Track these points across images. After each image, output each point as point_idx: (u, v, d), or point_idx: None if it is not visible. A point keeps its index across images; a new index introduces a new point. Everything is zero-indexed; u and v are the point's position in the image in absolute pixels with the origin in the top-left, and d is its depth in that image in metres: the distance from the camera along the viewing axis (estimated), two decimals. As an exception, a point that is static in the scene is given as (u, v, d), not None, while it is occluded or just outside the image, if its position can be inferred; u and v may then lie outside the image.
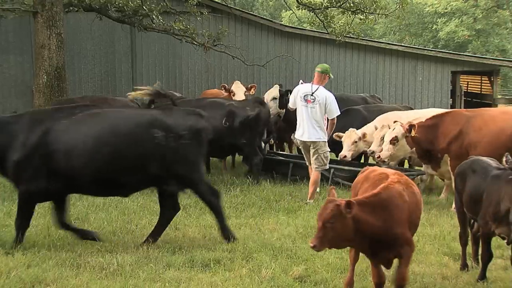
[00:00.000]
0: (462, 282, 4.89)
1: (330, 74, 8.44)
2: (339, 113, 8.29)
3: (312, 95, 8.12)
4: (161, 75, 16.79)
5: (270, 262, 5.27)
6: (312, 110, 8.10)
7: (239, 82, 10.74)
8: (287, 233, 6.33)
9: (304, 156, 8.68)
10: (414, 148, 7.97)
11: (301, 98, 8.22)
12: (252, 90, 10.88)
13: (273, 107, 10.35)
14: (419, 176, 9.14)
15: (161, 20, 13.00)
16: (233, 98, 10.40)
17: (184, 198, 7.99)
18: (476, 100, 19.59)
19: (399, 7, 15.84)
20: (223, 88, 10.66)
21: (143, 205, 7.50)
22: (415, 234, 4.66)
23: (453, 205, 7.23)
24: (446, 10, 37.67)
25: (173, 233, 6.33)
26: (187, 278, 4.90)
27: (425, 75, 17.17)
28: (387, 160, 8.21)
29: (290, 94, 9.17)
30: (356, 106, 10.99)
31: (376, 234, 4.02)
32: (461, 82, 19.33)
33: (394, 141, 7.98)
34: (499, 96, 19.67)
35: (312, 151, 8.27)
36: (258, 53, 16.67)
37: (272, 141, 11.07)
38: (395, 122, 8.34)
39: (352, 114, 10.12)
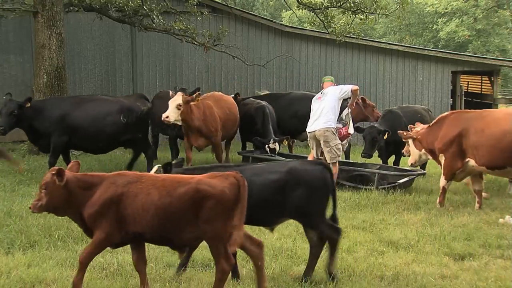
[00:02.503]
0: (462, 282, 4.88)
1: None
2: (351, 86, 8.94)
3: (321, 93, 9.00)
4: (161, 75, 16.80)
5: (271, 262, 5.27)
6: (322, 103, 8.79)
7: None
8: (287, 233, 6.33)
9: (311, 148, 9.04)
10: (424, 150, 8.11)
11: (314, 101, 9.04)
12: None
13: None
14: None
15: (162, 20, 13.00)
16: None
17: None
18: (477, 100, 19.58)
19: (399, 7, 15.84)
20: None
21: (143, 205, 7.48)
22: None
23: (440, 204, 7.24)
24: (446, 10, 37.67)
25: (173, 233, 6.32)
26: (187, 278, 4.90)
27: (425, 75, 17.17)
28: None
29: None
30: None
31: (80, 211, 4.20)
32: (461, 82, 19.31)
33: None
34: (499, 96, 19.66)
35: (322, 143, 8.62)
36: (259, 53, 16.68)
37: (286, 142, 11.12)
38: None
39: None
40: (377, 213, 7.33)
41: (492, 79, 17.98)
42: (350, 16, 14.74)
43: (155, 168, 4.90)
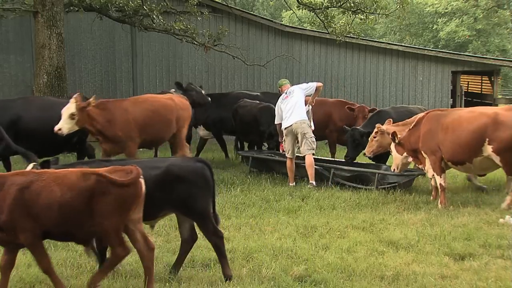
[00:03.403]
0: (462, 282, 4.88)
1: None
2: (316, 83, 9.61)
3: (286, 93, 9.48)
4: (162, 75, 16.80)
5: (271, 262, 5.27)
6: (291, 99, 9.28)
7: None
8: (287, 233, 6.33)
9: (287, 145, 9.33)
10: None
11: (281, 102, 9.46)
12: None
13: None
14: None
15: (162, 20, 13.00)
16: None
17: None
18: (477, 100, 19.60)
19: (399, 7, 15.84)
20: None
21: (144, 205, 7.48)
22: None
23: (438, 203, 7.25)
24: (446, 10, 37.67)
25: (174, 233, 6.33)
26: (187, 277, 4.90)
27: (425, 75, 17.17)
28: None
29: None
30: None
31: None
32: (461, 82, 19.32)
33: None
34: (499, 96, 19.68)
35: (299, 137, 9.12)
36: (259, 53, 16.68)
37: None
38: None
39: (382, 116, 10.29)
40: (377, 213, 7.34)
41: (492, 79, 18.00)
42: (350, 16, 14.74)
43: (31, 166, 4.86)
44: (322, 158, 10.82)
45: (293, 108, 9.20)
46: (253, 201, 7.94)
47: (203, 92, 11.01)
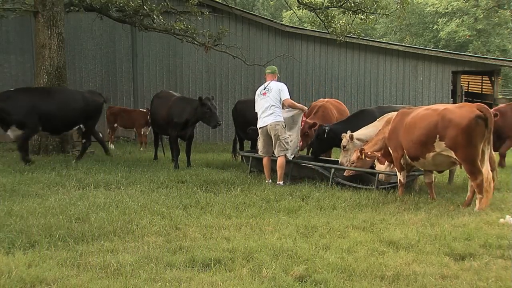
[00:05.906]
0: (463, 282, 4.88)
1: (278, 74, 9.78)
2: (289, 96, 9.47)
3: (265, 88, 9.44)
4: (162, 74, 16.81)
5: (271, 262, 5.26)
6: (267, 99, 9.31)
7: None
8: (287, 233, 6.33)
9: (260, 144, 9.50)
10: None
11: (258, 95, 9.51)
12: None
13: None
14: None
15: (162, 20, 13.03)
16: None
17: (184, 198, 8.02)
18: (477, 100, 19.62)
19: (400, 7, 15.85)
20: None
21: (144, 205, 7.49)
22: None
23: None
24: (447, 10, 37.69)
25: (174, 233, 6.33)
26: (187, 278, 4.90)
27: (425, 75, 17.18)
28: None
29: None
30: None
31: None
32: (461, 82, 19.32)
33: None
34: (500, 96, 19.68)
35: (274, 139, 9.23)
36: (259, 53, 16.70)
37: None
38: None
39: (366, 115, 10.27)
40: (377, 213, 7.33)
41: (493, 79, 18.02)
42: (351, 16, 14.77)
43: None
44: (323, 158, 10.82)
45: (268, 108, 9.27)
46: (253, 201, 7.93)
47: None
